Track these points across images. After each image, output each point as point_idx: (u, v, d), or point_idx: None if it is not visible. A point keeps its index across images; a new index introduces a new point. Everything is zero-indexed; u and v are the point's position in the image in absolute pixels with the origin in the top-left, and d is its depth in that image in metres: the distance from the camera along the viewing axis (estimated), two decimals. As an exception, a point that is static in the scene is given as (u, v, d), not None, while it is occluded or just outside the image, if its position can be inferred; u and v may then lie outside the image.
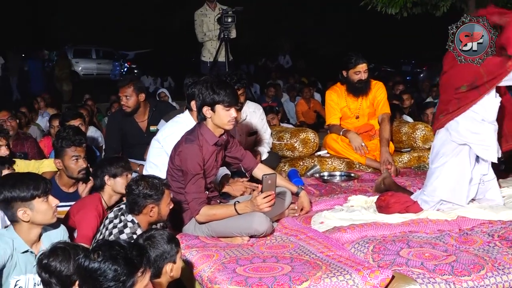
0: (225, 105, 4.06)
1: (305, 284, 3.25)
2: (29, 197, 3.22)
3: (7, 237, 3.24)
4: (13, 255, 3.22)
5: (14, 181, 3.25)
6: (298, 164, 6.30)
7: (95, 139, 7.39)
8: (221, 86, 4.09)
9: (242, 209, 4.05)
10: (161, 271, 3.21)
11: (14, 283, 3.27)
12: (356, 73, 6.17)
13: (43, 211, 3.26)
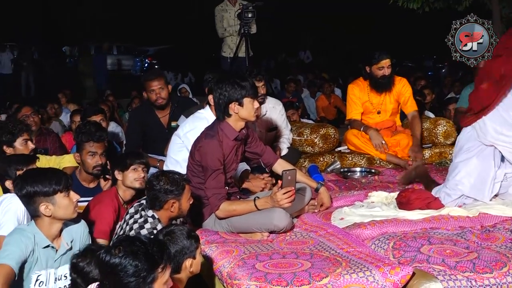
0: (252, 96, 4.10)
1: (325, 280, 3.25)
2: (51, 192, 3.24)
3: (28, 232, 3.26)
4: (34, 250, 3.24)
5: (36, 176, 3.28)
6: (318, 160, 6.28)
7: (116, 134, 7.44)
8: (243, 79, 4.14)
9: (261, 205, 4.05)
10: (181, 267, 3.22)
11: (35, 278, 3.29)
12: (379, 68, 6.14)
13: (65, 206, 3.28)
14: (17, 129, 4.68)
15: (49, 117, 9.00)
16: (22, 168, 3.92)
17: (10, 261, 3.08)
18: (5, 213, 3.71)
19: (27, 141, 4.70)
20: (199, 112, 5.21)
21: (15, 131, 4.66)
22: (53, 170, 3.44)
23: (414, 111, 6.29)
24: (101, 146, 4.70)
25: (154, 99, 5.95)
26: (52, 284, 3.35)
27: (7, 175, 3.95)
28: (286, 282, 3.22)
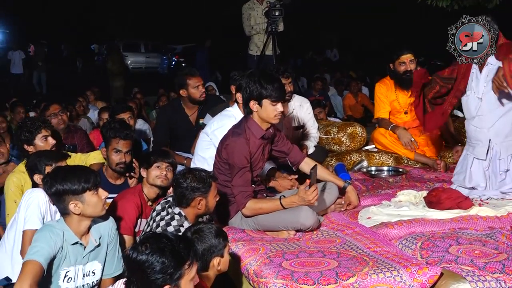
0: (272, 99, 4.05)
1: (351, 279, 3.23)
2: (80, 190, 3.27)
3: (57, 229, 3.29)
4: (63, 247, 3.28)
5: (65, 174, 3.30)
6: (345, 158, 6.25)
7: (143, 131, 7.49)
8: (268, 80, 4.07)
9: (288, 204, 4.04)
10: (209, 265, 3.23)
11: (64, 274, 3.33)
12: (400, 63, 6.08)
13: (94, 204, 3.31)
14: (35, 127, 4.72)
15: (78, 114, 9.09)
16: (51, 163, 3.96)
17: (39, 258, 3.11)
18: (28, 207, 3.76)
19: (46, 137, 4.74)
20: (227, 110, 5.22)
21: (33, 129, 4.71)
22: (82, 168, 3.47)
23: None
24: (126, 144, 4.73)
25: (198, 95, 5.99)
26: (80, 280, 3.39)
27: (36, 169, 4.00)
28: (313, 281, 3.21)
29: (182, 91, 6.03)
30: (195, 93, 5.97)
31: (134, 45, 28.31)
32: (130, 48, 27.92)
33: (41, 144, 4.67)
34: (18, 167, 4.69)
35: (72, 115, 8.47)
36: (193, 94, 5.98)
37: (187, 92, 6.00)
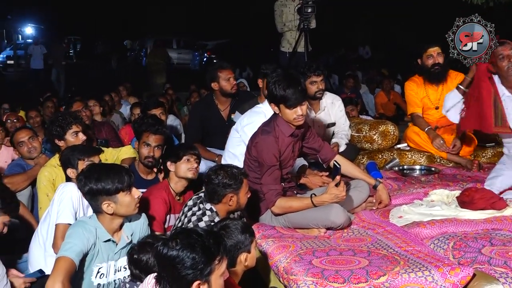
0: (287, 105, 4.00)
1: (382, 278, 3.20)
2: (114, 191, 3.30)
3: (90, 225, 3.33)
4: (95, 244, 3.31)
5: (99, 174, 3.32)
6: (376, 156, 6.20)
7: (174, 127, 7.55)
8: (286, 85, 3.97)
9: (319, 202, 4.03)
10: (236, 261, 3.23)
11: (96, 270, 3.37)
12: (428, 57, 6.01)
13: (127, 204, 3.33)
14: (66, 122, 4.78)
15: (110, 109, 9.18)
16: (83, 158, 4.00)
17: (71, 254, 3.15)
18: (61, 201, 3.80)
19: (77, 133, 4.80)
20: (257, 106, 5.22)
21: (64, 125, 4.77)
22: (116, 168, 3.47)
23: None
24: (157, 139, 4.77)
25: (229, 87, 5.99)
26: (112, 276, 3.43)
27: (69, 164, 4.04)
28: (343, 279, 3.19)
29: (214, 84, 6.03)
30: (226, 86, 5.97)
31: (166, 41, 28.43)
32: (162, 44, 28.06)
33: (71, 140, 4.73)
34: (50, 161, 4.75)
35: (105, 110, 8.56)
36: (224, 87, 5.98)
37: (218, 85, 6.00)
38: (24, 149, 5.20)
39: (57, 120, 4.83)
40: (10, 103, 9.63)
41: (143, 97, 11.40)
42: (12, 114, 7.54)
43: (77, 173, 3.95)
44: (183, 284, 2.35)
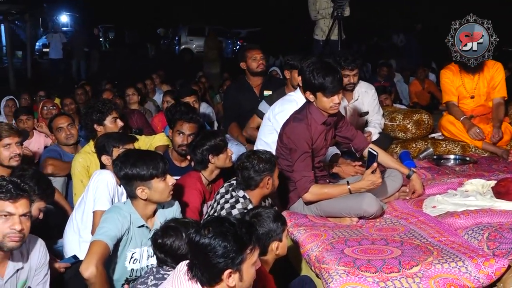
0: (326, 93, 3.98)
1: (415, 268, 3.19)
2: (148, 177, 3.32)
3: (125, 211, 3.36)
4: (129, 229, 3.35)
5: (135, 160, 3.35)
6: (410, 146, 6.14)
7: (206, 115, 7.59)
8: (324, 73, 3.95)
9: (355, 189, 4.02)
10: (267, 249, 3.23)
11: (130, 255, 3.41)
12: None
13: (160, 191, 3.36)
14: (106, 108, 4.84)
15: (144, 97, 9.24)
16: (118, 146, 4.03)
17: (105, 238, 3.20)
18: (97, 188, 3.85)
19: (116, 119, 4.85)
20: (289, 94, 5.20)
21: (104, 110, 4.82)
22: (152, 154, 3.49)
23: (501, 98, 6.06)
24: (191, 127, 4.79)
25: (255, 66, 6.11)
26: (145, 261, 3.47)
27: (104, 151, 4.08)
28: (375, 269, 3.18)
29: (242, 63, 6.22)
30: (252, 64, 6.13)
31: (199, 29, 28.51)
32: (195, 32, 28.16)
33: (110, 126, 4.79)
34: (84, 148, 4.81)
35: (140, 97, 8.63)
36: (250, 65, 6.15)
37: (246, 64, 6.19)
38: (62, 135, 5.28)
39: (97, 106, 4.90)
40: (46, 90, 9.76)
41: (176, 85, 11.43)
42: (49, 101, 7.66)
43: (111, 160, 4.00)
44: (214, 272, 2.36)
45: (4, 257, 2.85)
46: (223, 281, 2.38)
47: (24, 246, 2.90)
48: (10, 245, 2.76)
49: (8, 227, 2.74)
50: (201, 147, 4.30)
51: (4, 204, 2.74)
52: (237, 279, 2.39)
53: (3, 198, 2.73)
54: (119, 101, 6.66)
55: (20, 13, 20.19)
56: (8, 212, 2.74)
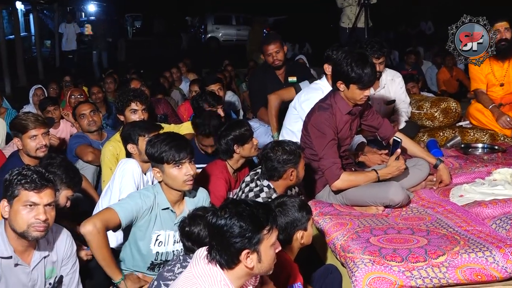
0: (361, 85, 3.95)
1: (441, 258, 3.16)
2: (159, 160, 3.35)
3: (150, 192, 3.41)
4: (153, 208, 3.39)
5: (158, 141, 3.38)
6: (437, 134, 6.08)
7: (232, 103, 7.59)
8: (360, 65, 3.93)
9: (383, 175, 4.02)
10: (292, 238, 3.23)
11: (155, 237, 3.44)
12: (494, 33, 5.82)
13: (172, 177, 3.35)
14: (125, 99, 4.89)
15: (170, 86, 9.28)
16: (144, 134, 4.05)
17: (119, 209, 3.26)
18: (122, 177, 3.89)
19: (135, 111, 4.86)
20: (315, 82, 5.18)
21: (124, 101, 4.89)
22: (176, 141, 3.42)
23: None
24: None
25: (271, 61, 6.15)
26: (171, 246, 3.49)
27: (130, 139, 4.11)
28: (401, 258, 3.16)
29: (262, 56, 6.36)
30: (268, 59, 6.17)
31: (226, 17, 28.57)
32: (222, 21, 28.23)
33: (130, 116, 4.81)
34: (114, 136, 4.85)
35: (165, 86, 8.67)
36: (267, 60, 6.21)
37: (264, 58, 6.31)
38: (85, 121, 5.33)
39: (120, 96, 4.97)
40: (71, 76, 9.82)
41: (202, 74, 11.46)
42: (76, 89, 7.73)
43: (137, 149, 4.03)
44: (232, 252, 2.37)
45: (30, 245, 2.89)
46: (242, 262, 2.39)
47: (49, 234, 2.93)
48: (35, 235, 2.80)
49: (32, 217, 2.77)
50: (226, 137, 4.28)
51: (29, 194, 2.77)
52: (255, 260, 2.40)
53: (28, 188, 2.76)
54: (146, 90, 6.68)
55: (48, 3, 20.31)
56: (33, 202, 2.77)
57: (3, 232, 2.83)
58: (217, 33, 28.07)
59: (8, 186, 2.79)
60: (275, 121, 5.68)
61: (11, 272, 2.85)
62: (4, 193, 2.82)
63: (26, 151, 4.25)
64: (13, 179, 2.78)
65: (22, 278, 2.89)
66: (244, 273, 2.43)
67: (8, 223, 2.81)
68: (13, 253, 2.84)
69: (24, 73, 15.03)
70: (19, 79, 14.75)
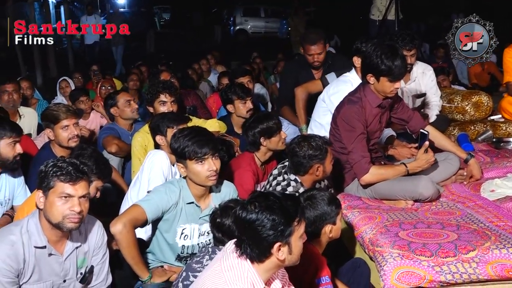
0: (391, 78, 3.92)
1: (471, 253, 3.13)
2: (181, 156, 3.34)
3: (176, 186, 3.41)
4: (178, 203, 3.39)
5: (182, 135, 3.37)
6: (468, 128, 6.01)
7: (260, 95, 7.58)
8: (391, 57, 3.89)
9: (413, 168, 3.98)
10: (321, 232, 3.21)
11: (180, 231, 3.45)
12: None
13: (195, 173, 3.34)
14: (154, 91, 4.91)
15: (199, 78, 9.30)
16: (172, 126, 4.07)
17: (145, 205, 3.27)
18: (151, 168, 3.91)
19: (164, 102, 4.88)
20: (344, 75, 5.14)
21: (153, 93, 4.91)
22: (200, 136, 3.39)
23: None
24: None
25: (311, 61, 5.95)
26: (196, 239, 3.50)
27: (158, 131, 4.13)
28: (431, 253, 3.14)
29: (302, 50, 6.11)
30: (309, 59, 5.95)
31: (254, 9, 28.52)
32: (250, 13, 28.19)
33: (160, 108, 4.83)
34: (144, 127, 4.88)
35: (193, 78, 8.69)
36: (307, 58, 5.98)
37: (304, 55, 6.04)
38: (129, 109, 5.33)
39: (150, 87, 4.99)
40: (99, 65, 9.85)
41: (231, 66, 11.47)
42: (106, 80, 7.80)
43: (166, 141, 4.04)
44: (264, 246, 2.37)
45: (63, 236, 2.93)
46: (273, 255, 2.39)
47: (82, 225, 2.96)
48: (69, 226, 2.83)
49: (67, 209, 2.79)
50: (253, 129, 4.29)
51: (64, 186, 2.79)
52: (286, 252, 2.40)
53: (63, 180, 2.79)
54: (176, 82, 6.70)
55: (78, -6, 20.42)
56: (68, 194, 2.79)
57: (38, 223, 2.87)
58: (245, 25, 28.05)
59: (43, 177, 2.82)
60: (303, 113, 5.64)
61: (44, 261, 2.89)
62: (39, 184, 2.85)
63: (58, 141, 4.29)
64: (49, 170, 2.81)
65: (55, 268, 2.93)
66: (274, 265, 2.44)
67: (43, 213, 2.85)
68: (47, 243, 2.87)
69: (55, 64, 15.18)
70: (50, 70, 14.91)
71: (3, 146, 3.77)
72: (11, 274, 2.77)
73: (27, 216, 2.95)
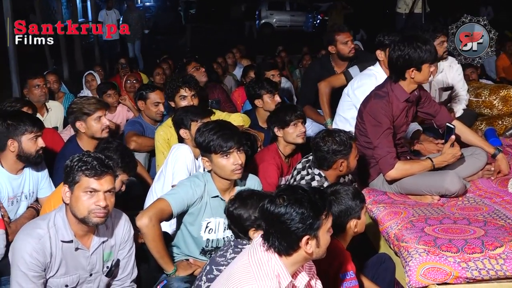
0: (430, 62, 3.89)
1: (498, 250, 3.09)
2: (206, 149, 3.35)
3: (200, 180, 3.42)
4: (203, 197, 3.41)
5: (207, 129, 3.37)
6: (496, 123, 5.93)
7: (285, 89, 7.56)
8: (422, 42, 3.89)
9: (439, 163, 3.95)
10: (345, 226, 3.20)
11: (205, 224, 3.46)
12: None
13: (220, 167, 3.34)
14: (174, 86, 4.92)
15: (224, 71, 9.31)
16: (196, 119, 4.08)
17: (171, 199, 3.28)
18: (175, 162, 3.93)
19: (185, 97, 4.89)
20: (368, 69, 5.10)
21: (173, 87, 4.91)
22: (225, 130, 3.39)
23: None
24: None
25: (347, 51, 5.87)
26: (221, 233, 3.50)
27: (182, 124, 4.15)
28: (457, 249, 3.11)
29: (331, 47, 5.95)
30: (344, 49, 5.87)
31: (280, 3, 28.45)
32: (276, 6, 28.13)
33: (180, 102, 4.84)
34: (166, 121, 4.90)
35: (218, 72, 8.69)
36: (341, 50, 5.88)
37: (335, 48, 5.91)
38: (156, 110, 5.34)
39: (170, 82, 5.03)
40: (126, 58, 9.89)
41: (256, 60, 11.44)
42: (132, 74, 7.83)
43: (190, 134, 4.05)
44: (293, 239, 2.38)
45: (89, 230, 2.95)
46: (301, 248, 2.39)
47: (108, 220, 2.97)
48: (95, 221, 2.84)
49: (93, 203, 2.81)
50: (270, 119, 4.44)
51: (89, 181, 2.81)
52: (314, 245, 2.40)
53: (88, 175, 2.80)
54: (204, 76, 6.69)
55: (105, -11, 20.46)
56: (93, 189, 2.81)
57: (65, 217, 2.89)
58: (271, 19, 27.99)
59: (69, 172, 2.84)
60: (327, 108, 5.62)
61: (71, 255, 2.92)
62: (65, 179, 2.87)
63: (92, 133, 4.31)
64: (74, 165, 2.83)
65: (82, 262, 2.95)
66: (301, 259, 2.44)
67: (69, 208, 2.87)
68: (73, 237, 2.90)
69: (81, 58, 15.31)
70: (76, 64, 15.02)
71: (25, 141, 3.80)
72: (38, 268, 2.80)
73: (54, 210, 2.98)
